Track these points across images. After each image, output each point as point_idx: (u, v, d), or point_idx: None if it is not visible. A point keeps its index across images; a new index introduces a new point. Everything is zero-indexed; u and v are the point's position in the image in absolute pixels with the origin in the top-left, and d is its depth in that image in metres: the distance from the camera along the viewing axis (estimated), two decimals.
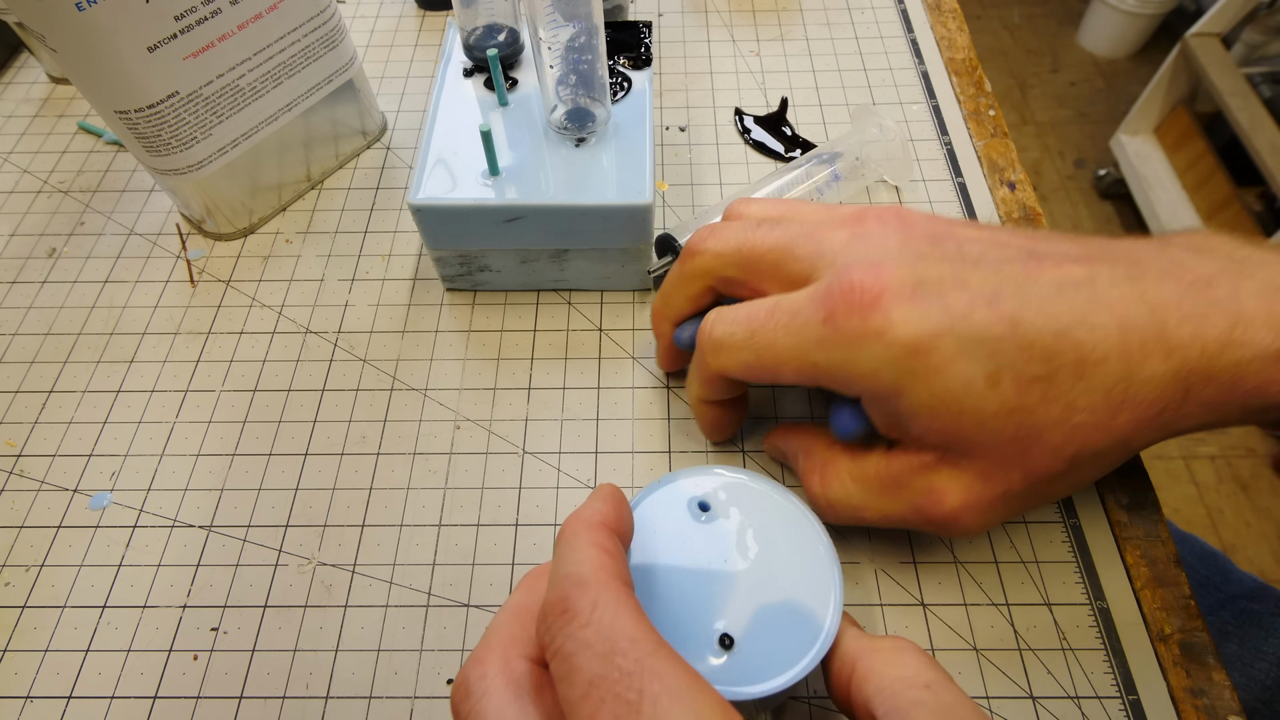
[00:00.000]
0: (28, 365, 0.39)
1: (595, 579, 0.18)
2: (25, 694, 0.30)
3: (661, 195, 0.44)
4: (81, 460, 0.36)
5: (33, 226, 0.45)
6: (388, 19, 0.55)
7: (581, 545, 0.20)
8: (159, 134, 0.37)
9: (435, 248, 0.38)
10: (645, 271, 0.39)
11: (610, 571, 0.19)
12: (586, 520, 0.21)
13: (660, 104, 0.49)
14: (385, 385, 0.38)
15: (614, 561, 0.19)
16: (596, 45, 0.35)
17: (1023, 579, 0.32)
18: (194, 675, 0.31)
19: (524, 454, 0.36)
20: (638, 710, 0.16)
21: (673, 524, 0.26)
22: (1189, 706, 0.29)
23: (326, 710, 0.30)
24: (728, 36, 0.53)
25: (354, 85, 0.44)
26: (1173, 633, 0.31)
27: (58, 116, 0.50)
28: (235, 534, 0.34)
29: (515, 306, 0.40)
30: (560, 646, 0.17)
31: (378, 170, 0.47)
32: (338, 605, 0.32)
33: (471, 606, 0.32)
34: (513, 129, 0.38)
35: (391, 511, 0.34)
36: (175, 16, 0.35)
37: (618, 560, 0.20)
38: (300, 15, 0.39)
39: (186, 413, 0.37)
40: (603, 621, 0.17)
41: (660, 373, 0.38)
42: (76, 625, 0.32)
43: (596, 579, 0.18)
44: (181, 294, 0.42)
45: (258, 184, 0.43)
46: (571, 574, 0.19)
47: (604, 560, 0.19)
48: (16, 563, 0.33)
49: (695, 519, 0.26)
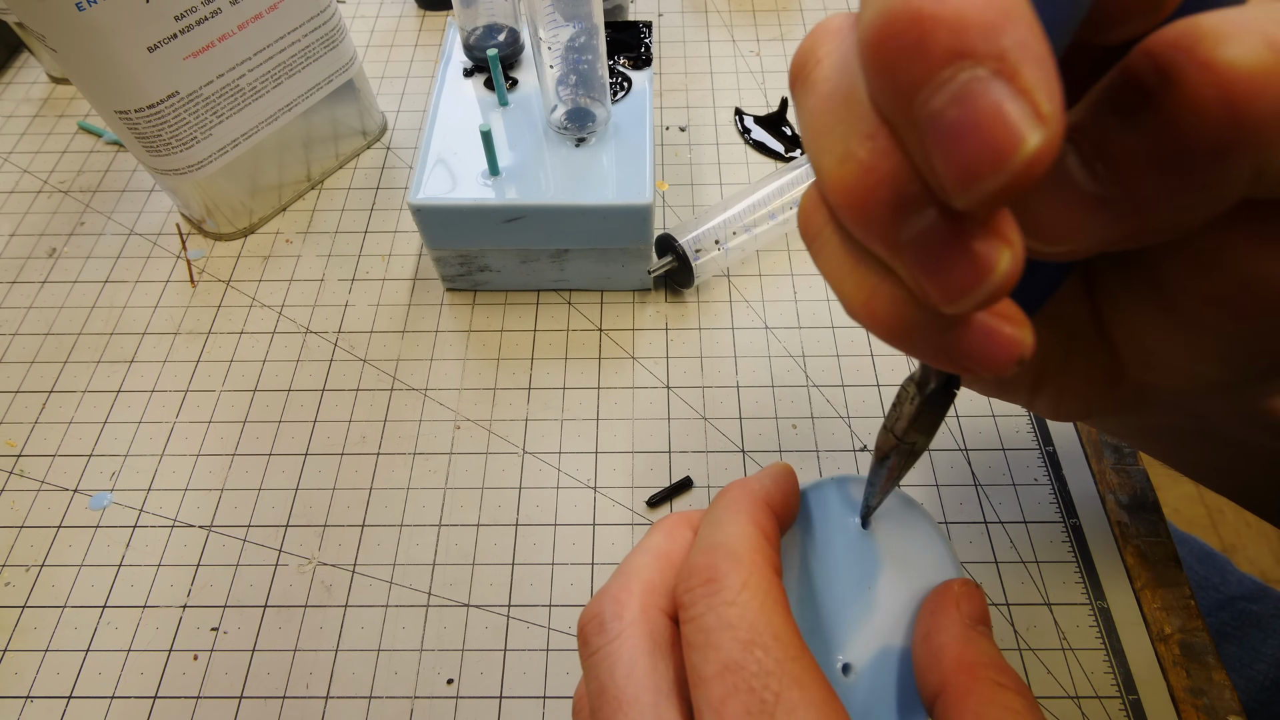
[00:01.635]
0: (28, 365, 0.39)
1: (750, 559, 0.17)
2: (25, 694, 0.30)
3: (661, 195, 0.44)
4: (81, 460, 0.36)
5: (33, 226, 0.45)
6: (388, 19, 0.55)
7: (740, 518, 0.18)
8: (159, 134, 0.37)
9: (435, 248, 0.38)
10: (645, 271, 0.39)
11: (765, 556, 0.18)
12: (752, 493, 0.19)
13: (660, 104, 0.49)
14: (385, 385, 0.38)
15: (770, 546, 0.18)
16: (596, 45, 0.35)
17: (1023, 579, 0.32)
18: (194, 675, 0.31)
19: (524, 454, 0.36)
20: (771, 713, 0.15)
21: (828, 528, 0.23)
22: (1189, 706, 0.29)
23: (326, 710, 0.30)
24: (728, 36, 0.53)
25: (354, 85, 0.44)
26: (1173, 633, 0.31)
27: (58, 116, 0.50)
28: (235, 534, 0.34)
29: (515, 306, 0.40)
30: (699, 615, 0.17)
31: (378, 170, 0.47)
32: (338, 605, 0.32)
33: (471, 606, 0.32)
34: (513, 129, 0.38)
35: (391, 511, 0.34)
36: (175, 16, 0.35)
37: (774, 546, 0.19)
38: (300, 15, 0.39)
39: (186, 413, 0.37)
40: (749, 606, 0.16)
41: (661, 372, 0.38)
42: (76, 625, 0.32)
43: (751, 559, 0.17)
44: (181, 294, 0.42)
45: (258, 184, 0.43)
46: (725, 545, 0.18)
47: (760, 542, 0.18)
48: (16, 563, 0.33)
49: (852, 530, 0.23)
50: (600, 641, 0.18)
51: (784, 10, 0.54)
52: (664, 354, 0.38)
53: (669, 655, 0.18)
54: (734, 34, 0.53)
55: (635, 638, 0.18)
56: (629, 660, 0.17)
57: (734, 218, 0.39)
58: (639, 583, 0.19)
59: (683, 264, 0.38)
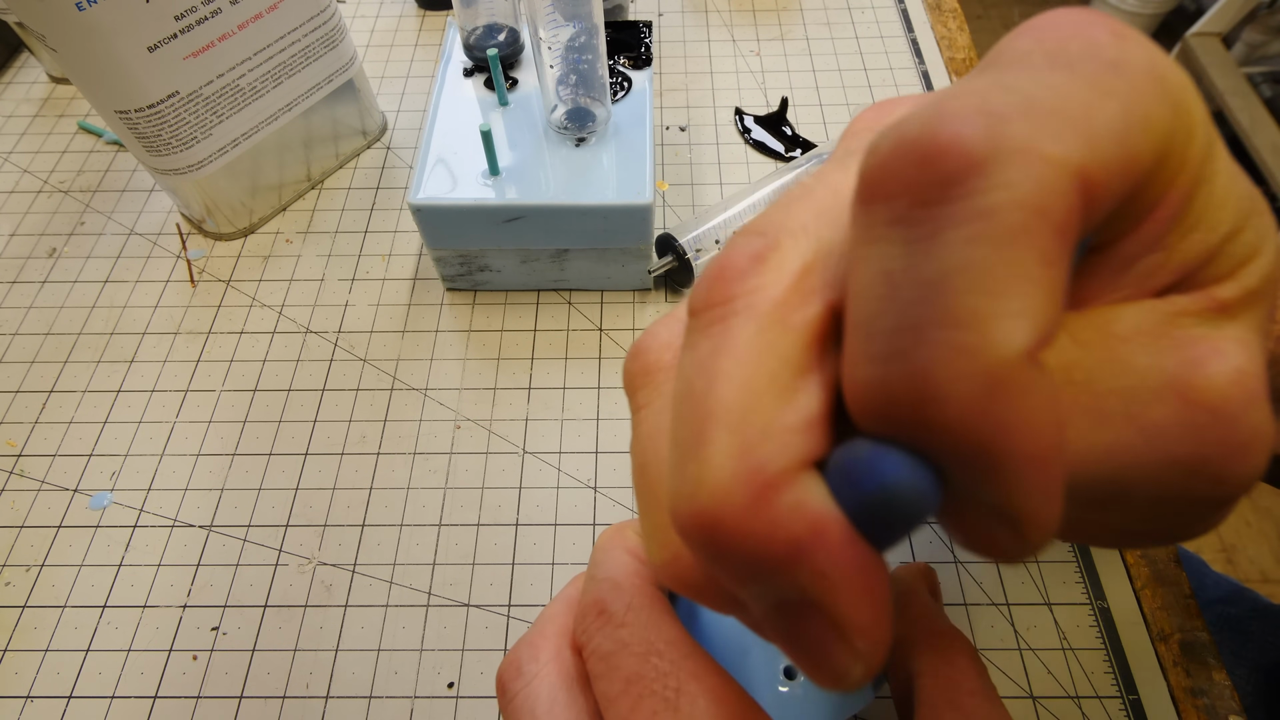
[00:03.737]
0: (28, 365, 0.39)
1: (629, 583, 0.19)
2: (25, 694, 0.30)
3: (661, 195, 0.44)
4: (81, 460, 0.36)
5: (33, 226, 0.45)
6: (388, 19, 0.55)
7: (615, 553, 0.20)
8: (159, 134, 0.37)
9: (435, 248, 0.38)
10: (645, 271, 0.39)
11: (643, 577, 0.19)
12: (620, 530, 0.21)
13: (660, 104, 0.49)
14: (385, 385, 0.38)
15: (646, 569, 0.20)
16: (596, 45, 0.35)
17: (1023, 579, 0.32)
18: (194, 675, 0.31)
19: (524, 454, 0.36)
20: (675, 707, 0.16)
21: None
22: (1189, 706, 0.29)
23: (326, 710, 0.30)
24: (728, 36, 0.53)
25: (354, 85, 0.44)
26: (1173, 632, 0.31)
27: (58, 116, 0.50)
28: (235, 534, 0.34)
29: (515, 306, 0.40)
30: (597, 646, 0.18)
31: (378, 170, 0.47)
32: (338, 605, 0.32)
33: (471, 606, 0.32)
34: (513, 129, 0.38)
35: (391, 511, 0.34)
36: (175, 16, 0.35)
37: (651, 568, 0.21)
38: (300, 15, 0.39)
39: (187, 412, 0.37)
40: (638, 623, 0.18)
41: None
42: (77, 625, 0.32)
43: (630, 584, 0.19)
44: (182, 294, 0.42)
45: (258, 184, 0.43)
46: (607, 579, 0.19)
47: (637, 567, 0.20)
48: (16, 563, 0.33)
49: None
50: (518, 686, 0.19)
51: (784, 10, 0.54)
52: None
53: (584, 689, 0.19)
54: (734, 34, 0.53)
55: (552, 675, 0.19)
56: (549, 698, 0.19)
57: (734, 218, 0.39)
58: (552, 628, 0.20)
59: (683, 264, 0.38)
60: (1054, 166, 0.09)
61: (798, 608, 0.11)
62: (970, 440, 0.09)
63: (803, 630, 0.11)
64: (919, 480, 0.10)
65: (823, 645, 0.11)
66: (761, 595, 0.11)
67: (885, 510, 0.10)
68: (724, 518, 0.10)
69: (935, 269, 0.09)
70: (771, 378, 0.11)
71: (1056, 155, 0.09)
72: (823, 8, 0.54)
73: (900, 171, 0.10)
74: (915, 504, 0.10)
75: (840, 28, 0.53)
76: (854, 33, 0.53)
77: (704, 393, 0.11)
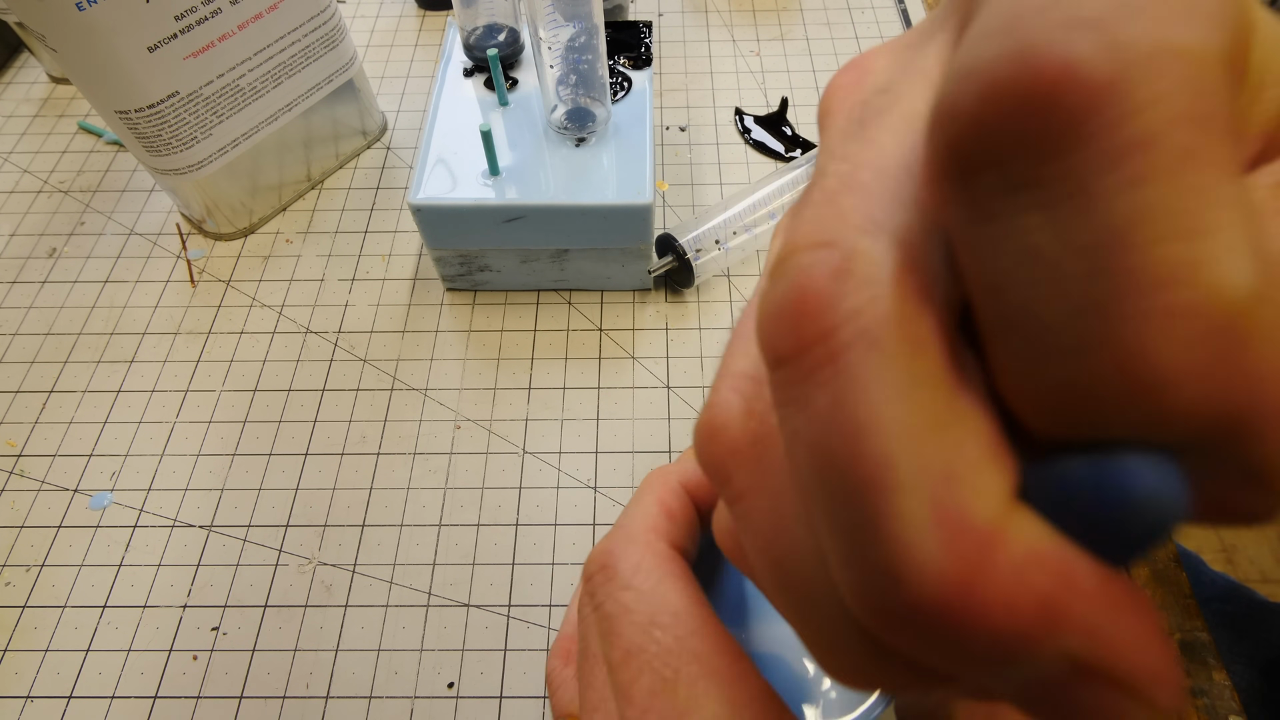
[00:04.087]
0: (28, 365, 0.39)
1: (644, 539, 0.17)
2: (25, 694, 0.30)
3: (661, 195, 0.44)
4: (82, 460, 0.36)
5: (33, 226, 0.45)
6: (388, 19, 0.55)
7: (647, 498, 0.19)
8: (159, 134, 0.37)
9: (435, 248, 0.38)
10: (645, 271, 0.39)
11: (661, 533, 0.18)
12: (663, 474, 0.19)
13: (660, 104, 0.49)
14: (385, 385, 0.38)
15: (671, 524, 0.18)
16: (596, 45, 0.35)
17: None
18: (194, 675, 0.31)
19: (524, 454, 0.36)
20: (673, 689, 0.15)
21: None
22: (1189, 706, 0.29)
23: (326, 710, 0.30)
24: (728, 36, 0.53)
25: (354, 85, 0.44)
26: (1172, 632, 0.31)
27: (58, 116, 0.50)
28: (235, 534, 0.34)
29: (515, 306, 0.40)
30: (600, 603, 0.17)
31: (378, 170, 0.47)
32: (338, 605, 0.32)
33: (471, 606, 0.32)
34: (513, 129, 0.38)
35: (391, 511, 0.34)
36: (175, 16, 0.35)
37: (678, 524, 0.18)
38: (300, 15, 0.39)
39: (187, 413, 0.37)
40: (643, 588, 0.17)
41: (661, 372, 0.38)
42: (77, 625, 0.32)
43: (645, 539, 0.17)
44: (182, 294, 0.42)
45: (258, 184, 0.43)
46: (625, 527, 0.18)
47: (659, 521, 0.18)
48: (16, 563, 0.33)
49: None
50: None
51: (784, 10, 0.54)
52: (664, 354, 0.38)
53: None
54: (734, 34, 0.53)
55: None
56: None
57: (734, 217, 0.39)
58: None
59: (683, 264, 0.38)
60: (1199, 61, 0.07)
61: (1068, 677, 0.09)
62: (1218, 413, 0.07)
63: (1082, 704, 0.09)
64: (1166, 480, 0.08)
65: (1114, 714, 0.09)
66: (1015, 676, 0.09)
67: (1135, 526, 0.08)
68: (946, 602, 0.08)
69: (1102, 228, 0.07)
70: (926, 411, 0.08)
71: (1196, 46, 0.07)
72: (823, 8, 0.54)
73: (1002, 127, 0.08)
74: (1171, 509, 0.08)
75: (840, 28, 0.53)
76: (854, 33, 0.53)
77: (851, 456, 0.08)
